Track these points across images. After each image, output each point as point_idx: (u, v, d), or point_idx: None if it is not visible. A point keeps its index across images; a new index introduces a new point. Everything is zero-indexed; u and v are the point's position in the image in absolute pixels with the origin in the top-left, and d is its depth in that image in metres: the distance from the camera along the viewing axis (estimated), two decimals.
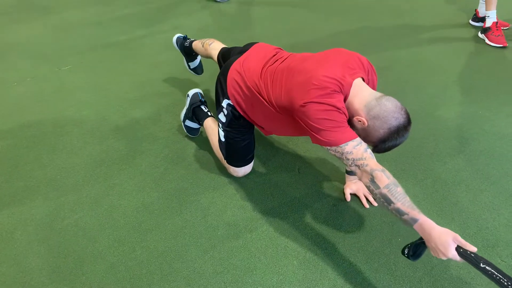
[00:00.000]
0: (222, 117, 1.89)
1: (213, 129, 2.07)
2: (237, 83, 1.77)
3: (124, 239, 1.74)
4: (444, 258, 1.25)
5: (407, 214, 1.30)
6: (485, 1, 3.21)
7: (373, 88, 1.63)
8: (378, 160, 1.43)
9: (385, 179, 1.35)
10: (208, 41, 2.37)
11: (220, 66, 2.18)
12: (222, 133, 1.92)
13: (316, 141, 1.48)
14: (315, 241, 1.71)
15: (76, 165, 2.12)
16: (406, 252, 1.38)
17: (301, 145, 2.19)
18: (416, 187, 1.94)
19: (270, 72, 1.67)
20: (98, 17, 3.86)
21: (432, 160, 2.09)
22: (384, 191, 1.34)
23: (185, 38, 2.59)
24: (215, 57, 2.26)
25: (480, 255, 1.21)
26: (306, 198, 1.90)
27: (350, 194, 1.89)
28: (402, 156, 2.10)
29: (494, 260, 1.61)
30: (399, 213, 1.32)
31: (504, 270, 1.55)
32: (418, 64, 2.96)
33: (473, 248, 1.22)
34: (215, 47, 2.31)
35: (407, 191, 1.90)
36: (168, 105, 2.56)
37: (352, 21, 3.62)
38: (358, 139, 1.44)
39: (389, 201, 1.33)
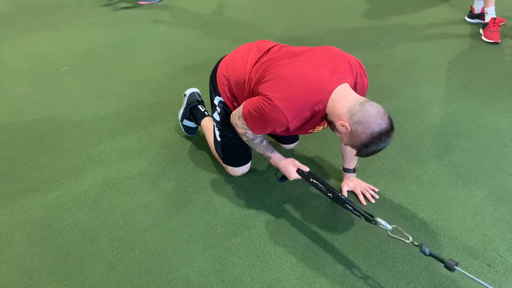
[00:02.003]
0: (216, 116, 1.90)
1: (209, 128, 2.07)
2: (226, 78, 1.78)
3: (123, 239, 1.75)
4: (292, 179, 1.73)
5: (264, 154, 1.77)
6: None
7: (363, 90, 1.63)
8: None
9: (245, 137, 1.73)
10: None
11: None
12: (217, 133, 1.93)
13: (242, 107, 1.62)
14: (313, 239, 1.72)
15: (74, 165, 2.13)
16: (276, 175, 1.84)
17: (299, 143, 2.20)
18: (413, 183, 1.95)
19: (258, 66, 1.66)
20: (95, 18, 3.86)
21: (429, 156, 2.10)
22: (248, 144, 1.77)
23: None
24: None
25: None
26: (304, 196, 1.91)
27: (348, 191, 1.91)
28: (399, 153, 2.11)
29: (491, 254, 1.62)
30: (262, 155, 1.78)
31: (501, 265, 1.57)
32: (413, 61, 2.97)
33: (306, 168, 1.70)
34: None
35: (404, 187, 1.92)
36: (166, 105, 2.56)
37: (348, 20, 3.63)
38: (250, 132, 1.68)
39: (254, 149, 1.79)
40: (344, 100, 1.47)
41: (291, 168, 1.70)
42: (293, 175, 1.70)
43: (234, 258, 1.66)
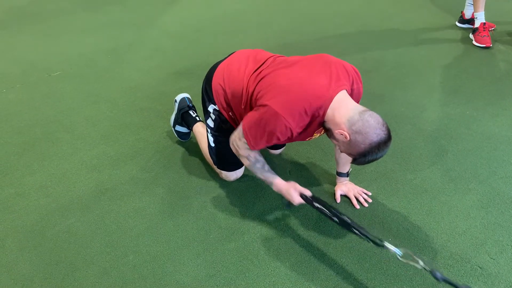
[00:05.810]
0: (210, 122, 1.89)
1: (202, 134, 2.07)
2: (222, 88, 1.77)
3: (116, 244, 1.74)
4: (296, 204, 1.64)
5: (266, 180, 1.70)
6: (473, 3, 3.27)
7: (358, 96, 1.64)
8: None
9: (247, 161, 1.69)
10: None
11: None
12: (211, 138, 1.93)
13: (242, 125, 1.61)
14: (307, 243, 1.72)
15: (67, 171, 2.11)
16: (282, 202, 1.76)
17: (292, 148, 2.21)
18: (406, 187, 1.96)
19: (255, 77, 1.66)
20: (87, 24, 3.85)
21: (421, 160, 2.12)
22: (250, 169, 1.72)
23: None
24: None
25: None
26: None
27: (341, 195, 1.91)
28: (392, 157, 2.12)
29: (483, 257, 1.63)
30: (264, 181, 1.72)
31: (493, 267, 1.58)
32: (405, 66, 2.99)
33: (308, 192, 1.63)
34: None
35: (397, 191, 1.92)
36: (159, 110, 2.56)
37: (339, 25, 3.66)
38: (252, 152, 1.66)
39: (255, 174, 1.72)
40: (343, 109, 1.48)
41: (292, 193, 1.62)
42: (297, 200, 1.62)
43: (228, 263, 1.66)
